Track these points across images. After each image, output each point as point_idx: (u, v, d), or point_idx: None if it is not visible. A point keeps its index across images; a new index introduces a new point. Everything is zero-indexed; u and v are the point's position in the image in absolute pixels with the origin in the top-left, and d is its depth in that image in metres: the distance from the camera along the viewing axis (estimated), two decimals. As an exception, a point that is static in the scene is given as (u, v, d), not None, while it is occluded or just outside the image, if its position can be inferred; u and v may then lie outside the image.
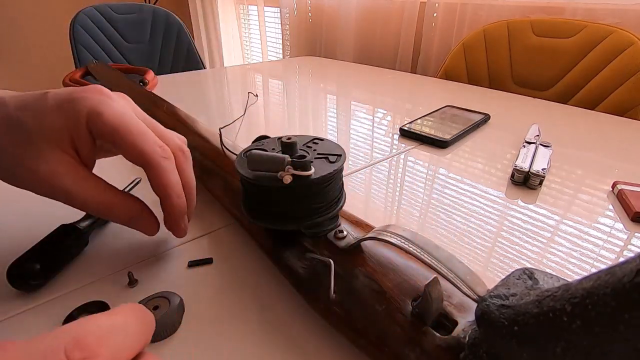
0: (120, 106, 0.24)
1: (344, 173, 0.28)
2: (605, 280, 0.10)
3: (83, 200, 0.23)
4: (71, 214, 0.30)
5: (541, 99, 0.74)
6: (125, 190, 0.36)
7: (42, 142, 0.22)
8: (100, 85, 0.24)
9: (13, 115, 0.22)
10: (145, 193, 0.27)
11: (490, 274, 0.28)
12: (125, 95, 0.27)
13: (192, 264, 0.28)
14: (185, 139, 0.29)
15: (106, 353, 0.10)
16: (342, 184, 0.27)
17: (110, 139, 0.23)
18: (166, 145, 0.25)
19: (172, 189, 0.25)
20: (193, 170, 0.29)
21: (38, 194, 0.23)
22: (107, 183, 0.25)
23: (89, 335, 0.11)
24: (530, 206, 0.37)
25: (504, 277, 0.17)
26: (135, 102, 0.27)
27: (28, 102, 0.23)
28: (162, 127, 0.27)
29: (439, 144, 0.51)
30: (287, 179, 0.22)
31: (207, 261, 0.28)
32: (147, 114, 0.27)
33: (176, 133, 0.29)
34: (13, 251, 0.26)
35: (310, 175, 0.23)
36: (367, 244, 0.23)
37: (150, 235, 0.27)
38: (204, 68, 1.55)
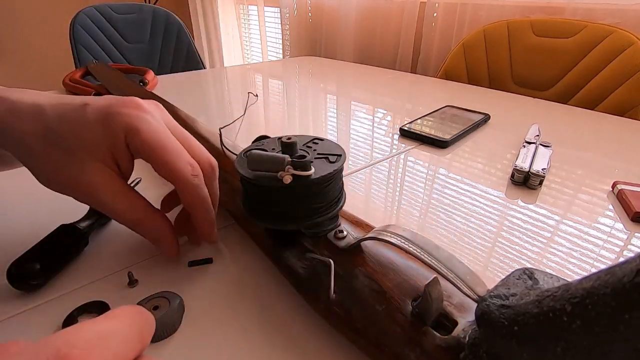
0: (156, 122, 0.24)
1: (344, 173, 0.28)
2: (605, 280, 0.10)
3: (116, 213, 0.24)
4: (71, 214, 0.30)
5: (541, 99, 0.74)
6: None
7: (83, 154, 0.23)
8: (136, 99, 0.25)
9: (53, 127, 0.23)
10: (145, 194, 0.27)
11: (490, 274, 0.28)
12: (159, 105, 0.27)
13: (192, 264, 0.28)
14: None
15: None
16: (342, 184, 0.27)
17: (145, 156, 0.24)
18: (196, 163, 0.25)
19: (202, 205, 0.26)
20: None
21: (77, 200, 0.24)
22: (142, 198, 0.25)
23: (75, 348, 0.10)
24: (530, 206, 0.37)
25: (504, 277, 0.17)
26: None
27: (67, 113, 0.23)
28: (192, 139, 0.27)
29: (439, 144, 0.51)
30: (287, 179, 0.22)
31: (207, 261, 0.28)
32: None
33: (203, 147, 0.28)
34: (13, 251, 0.26)
35: (310, 175, 0.23)
36: (367, 244, 0.23)
37: (168, 256, 0.27)
38: (204, 68, 1.55)
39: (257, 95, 0.75)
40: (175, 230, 0.27)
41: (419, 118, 0.59)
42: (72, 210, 0.32)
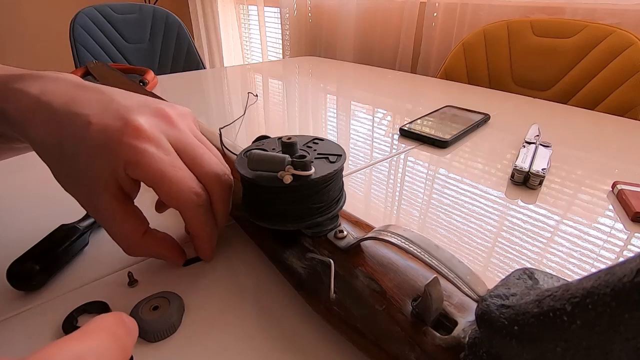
0: (157, 151, 0.23)
1: (344, 173, 0.28)
2: (605, 280, 0.10)
3: (115, 237, 0.24)
4: (71, 214, 0.30)
5: (541, 99, 0.74)
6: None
7: (87, 177, 0.23)
8: (139, 123, 0.23)
9: (62, 143, 0.23)
10: (145, 194, 0.27)
11: (490, 274, 0.28)
12: (185, 114, 0.27)
13: (186, 263, 0.28)
14: (227, 168, 0.28)
15: None
16: (342, 184, 0.27)
17: (148, 185, 0.24)
18: (202, 191, 0.25)
19: (204, 230, 0.26)
20: None
21: None
22: (143, 223, 0.25)
23: None
24: (530, 206, 0.37)
25: (504, 277, 0.17)
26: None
27: (75, 132, 0.23)
28: (205, 156, 0.26)
29: (439, 144, 0.51)
30: (287, 179, 0.22)
31: (196, 260, 0.28)
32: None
33: (217, 161, 0.28)
34: (13, 251, 0.26)
35: (310, 175, 0.23)
36: (367, 244, 0.23)
37: (176, 266, 0.28)
38: (204, 68, 1.55)
39: (257, 95, 0.75)
40: (174, 244, 0.27)
41: (419, 118, 0.59)
42: (72, 210, 0.32)
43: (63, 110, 0.23)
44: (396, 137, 0.54)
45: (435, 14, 1.28)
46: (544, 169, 0.40)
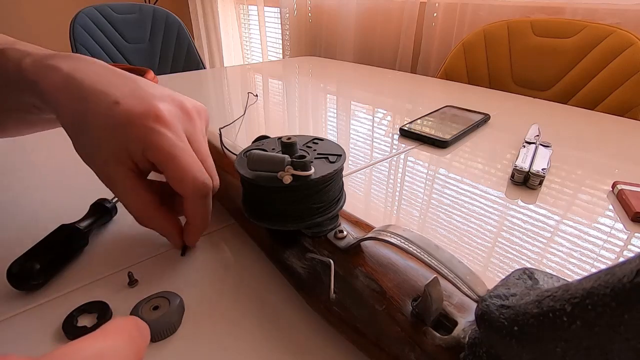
0: (175, 136, 0.25)
1: (343, 173, 0.28)
2: (605, 281, 0.10)
3: (129, 209, 0.26)
4: (71, 214, 0.30)
5: (541, 99, 0.74)
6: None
7: (106, 150, 0.25)
8: (160, 110, 0.25)
9: (84, 120, 0.25)
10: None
11: (490, 274, 0.28)
12: (201, 111, 0.29)
13: (183, 251, 0.29)
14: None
15: None
16: (342, 184, 0.27)
17: (159, 167, 0.25)
18: (210, 181, 0.27)
19: (202, 219, 0.27)
20: None
21: None
22: (154, 196, 0.27)
23: None
24: (530, 206, 0.37)
25: (504, 277, 0.17)
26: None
27: (100, 109, 0.24)
28: (209, 158, 0.28)
29: (439, 144, 0.51)
30: (287, 179, 0.22)
31: (184, 249, 0.30)
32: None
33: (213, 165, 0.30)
34: (13, 251, 0.26)
35: (310, 175, 0.23)
36: (367, 244, 0.23)
37: (176, 248, 0.30)
38: (204, 68, 1.55)
39: (257, 95, 0.75)
40: (180, 225, 0.29)
41: (419, 118, 0.59)
42: (72, 210, 0.32)
43: (92, 88, 0.25)
44: (396, 137, 0.54)
45: (435, 14, 1.28)
46: (544, 169, 0.40)
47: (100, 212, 0.32)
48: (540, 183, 0.40)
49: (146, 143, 0.24)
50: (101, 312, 0.23)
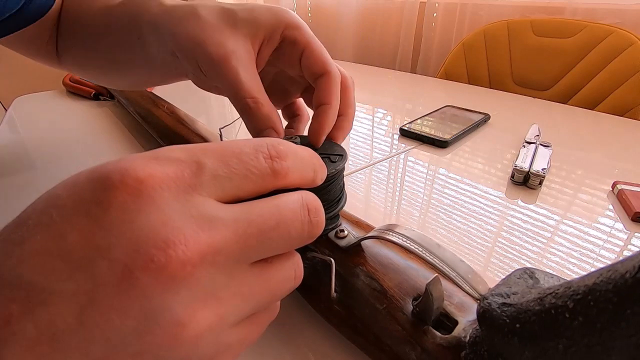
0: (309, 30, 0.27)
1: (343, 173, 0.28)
2: (607, 277, 0.10)
3: (238, 86, 0.24)
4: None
5: (541, 99, 0.74)
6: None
7: (243, 27, 0.25)
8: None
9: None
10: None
11: (491, 274, 0.28)
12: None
13: None
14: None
15: (292, 164, 0.15)
16: (343, 184, 0.27)
17: (301, 47, 0.26)
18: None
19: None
20: None
21: (198, 63, 0.25)
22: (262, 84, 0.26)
23: (280, 145, 0.15)
24: (530, 206, 0.37)
25: (504, 277, 0.17)
26: (135, 102, 0.27)
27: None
28: None
29: (439, 144, 0.51)
30: (288, 178, 0.22)
31: None
32: (147, 114, 0.27)
33: None
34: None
35: (311, 174, 0.23)
36: (367, 244, 0.23)
37: None
38: (204, 68, 1.55)
39: (257, 95, 0.75)
40: (281, 129, 0.26)
41: (419, 118, 0.59)
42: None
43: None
44: (396, 137, 0.54)
45: (435, 14, 1.28)
46: (544, 168, 0.41)
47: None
48: (540, 183, 0.40)
49: (293, 24, 0.26)
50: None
